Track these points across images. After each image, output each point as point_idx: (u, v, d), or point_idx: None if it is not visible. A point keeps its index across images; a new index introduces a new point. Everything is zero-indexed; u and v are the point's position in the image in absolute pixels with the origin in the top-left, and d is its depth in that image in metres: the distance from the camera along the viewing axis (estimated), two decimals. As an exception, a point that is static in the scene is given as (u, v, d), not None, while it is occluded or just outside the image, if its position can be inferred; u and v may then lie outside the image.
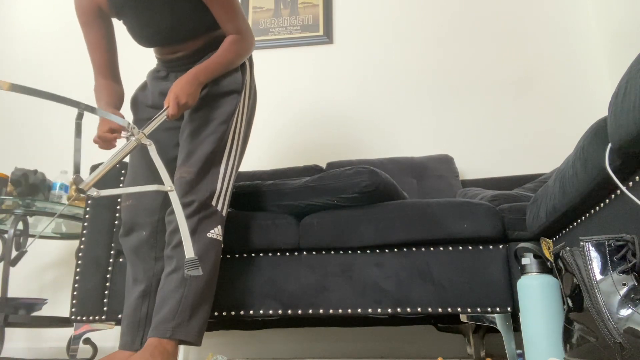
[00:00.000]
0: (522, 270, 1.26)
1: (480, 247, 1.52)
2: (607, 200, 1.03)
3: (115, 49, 1.58)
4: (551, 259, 1.14)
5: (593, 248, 0.89)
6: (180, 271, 1.33)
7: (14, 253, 1.99)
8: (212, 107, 1.48)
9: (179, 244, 1.35)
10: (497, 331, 1.48)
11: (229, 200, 1.47)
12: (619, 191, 0.97)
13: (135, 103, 1.62)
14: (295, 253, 1.60)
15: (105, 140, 1.42)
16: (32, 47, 3.06)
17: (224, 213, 1.44)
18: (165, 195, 1.52)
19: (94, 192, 1.13)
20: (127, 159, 1.70)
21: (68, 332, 2.25)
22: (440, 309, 1.49)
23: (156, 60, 1.64)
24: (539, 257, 1.25)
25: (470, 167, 2.49)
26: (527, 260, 1.25)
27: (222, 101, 1.48)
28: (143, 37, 1.52)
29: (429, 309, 1.49)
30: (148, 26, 1.49)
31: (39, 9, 3.14)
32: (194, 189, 1.38)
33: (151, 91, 1.60)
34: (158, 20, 1.47)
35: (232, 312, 1.57)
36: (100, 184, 1.79)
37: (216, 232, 1.39)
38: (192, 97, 1.39)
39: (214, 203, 1.40)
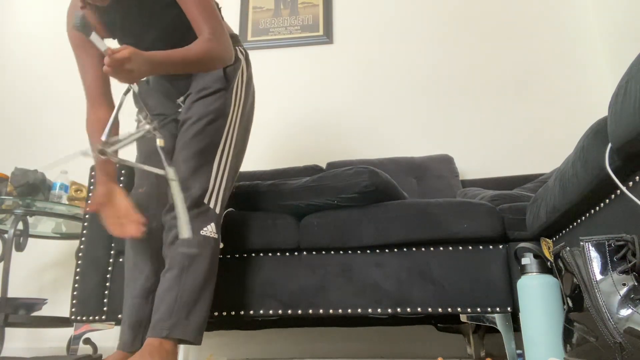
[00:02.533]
0: (522, 270, 1.26)
1: (480, 247, 1.52)
2: (607, 200, 1.03)
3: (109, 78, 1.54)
4: (551, 259, 1.14)
5: (593, 248, 0.89)
6: (175, 270, 1.32)
7: (14, 253, 1.99)
8: (200, 106, 1.48)
9: (173, 242, 1.36)
10: (497, 331, 1.48)
11: (223, 198, 1.45)
12: (619, 191, 0.97)
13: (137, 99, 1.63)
14: (295, 253, 1.60)
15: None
16: (30, 48, 3.06)
17: (217, 211, 1.43)
18: None
19: (114, 158, 1.26)
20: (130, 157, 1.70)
21: (68, 332, 2.25)
22: (440, 309, 1.49)
23: None
24: (539, 257, 1.25)
25: (470, 167, 2.49)
26: (527, 260, 1.25)
27: (209, 100, 1.48)
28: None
29: (429, 309, 1.49)
30: (139, 41, 1.47)
31: (39, 11, 3.14)
32: (184, 187, 1.38)
33: (154, 87, 1.60)
34: (145, 34, 1.46)
35: (232, 312, 1.57)
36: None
37: (210, 230, 1.39)
38: (133, 73, 1.22)
39: (206, 201, 1.40)
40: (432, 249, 1.54)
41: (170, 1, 1.43)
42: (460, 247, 1.53)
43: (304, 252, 1.60)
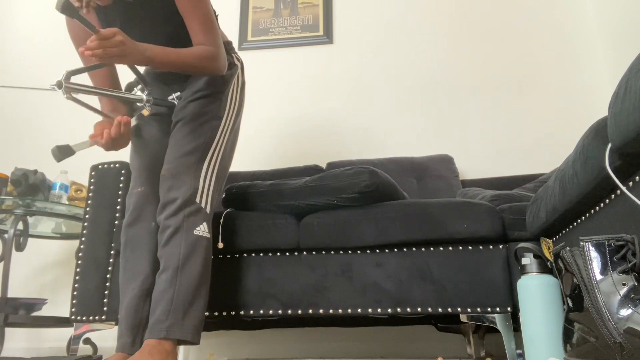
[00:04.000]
0: (522, 270, 1.26)
1: (480, 247, 1.52)
2: (607, 200, 1.03)
3: (115, 70, 1.56)
4: (551, 259, 1.14)
5: (593, 248, 0.89)
6: (169, 271, 1.33)
7: (14, 253, 1.99)
8: (194, 107, 1.50)
9: (167, 242, 1.36)
10: (497, 331, 1.48)
11: (213, 198, 1.46)
12: (619, 191, 0.97)
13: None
14: (295, 253, 1.60)
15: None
16: (30, 49, 3.06)
17: (208, 210, 1.44)
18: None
19: (65, 93, 1.24)
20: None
21: (68, 332, 2.25)
22: (440, 309, 1.49)
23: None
24: (539, 257, 1.25)
25: (470, 167, 2.49)
26: (527, 260, 1.25)
27: (204, 102, 1.50)
28: None
29: (429, 309, 1.49)
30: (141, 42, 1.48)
31: (38, 11, 3.14)
32: (175, 185, 1.40)
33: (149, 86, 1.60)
34: (151, 36, 1.46)
35: (232, 312, 1.57)
36: (104, 186, 1.79)
37: (202, 229, 1.39)
38: (125, 58, 1.23)
39: (197, 200, 1.41)
40: (432, 249, 1.54)
41: (173, 12, 1.43)
42: (460, 247, 1.53)
43: (304, 252, 1.60)
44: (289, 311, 1.55)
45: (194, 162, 1.43)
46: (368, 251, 1.57)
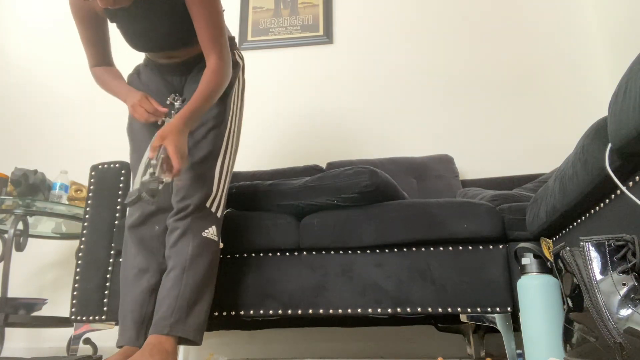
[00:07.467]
0: (522, 270, 1.26)
1: (480, 247, 1.52)
2: (607, 200, 1.03)
3: (109, 41, 1.56)
4: (551, 259, 1.14)
5: (593, 248, 0.89)
6: (177, 270, 1.34)
7: (14, 253, 1.99)
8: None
9: (175, 243, 1.37)
10: (497, 331, 1.48)
11: (224, 203, 1.47)
12: (619, 191, 0.97)
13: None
14: (295, 253, 1.60)
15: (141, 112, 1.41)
16: (30, 49, 3.05)
17: (219, 214, 1.45)
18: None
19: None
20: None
21: (68, 332, 2.25)
22: (440, 309, 1.49)
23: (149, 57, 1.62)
24: (539, 257, 1.25)
25: (470, 167, 2.49)
26: (527, 260, 1.25)
27: (214, 105, 1.49)
28: (138, 43, 1.51)
29: (429, 309, 1.49)
30: (144, 33, 1.47)
31: (39, 11, 3.14)
32: (188, 192, 1.40)
33: (146, 82, 1.59)
34: (155, 28, 1.45)
35: (232, 312, 1.57)
36: (104, 186, 1.79)
37: (211, 232, 1.41)
38: (186, 145, 1.34)
39: (208, 205, 1.42)
40: (432, 249, 1.54)
41: (180, 10, 1.42)
42: (460, 247, 1.53)
43: (304, 252, 1.60)
44: (289, 311, 1.55)
45: (205, 171, 1.44)
46: (368, 251, 1.57)
